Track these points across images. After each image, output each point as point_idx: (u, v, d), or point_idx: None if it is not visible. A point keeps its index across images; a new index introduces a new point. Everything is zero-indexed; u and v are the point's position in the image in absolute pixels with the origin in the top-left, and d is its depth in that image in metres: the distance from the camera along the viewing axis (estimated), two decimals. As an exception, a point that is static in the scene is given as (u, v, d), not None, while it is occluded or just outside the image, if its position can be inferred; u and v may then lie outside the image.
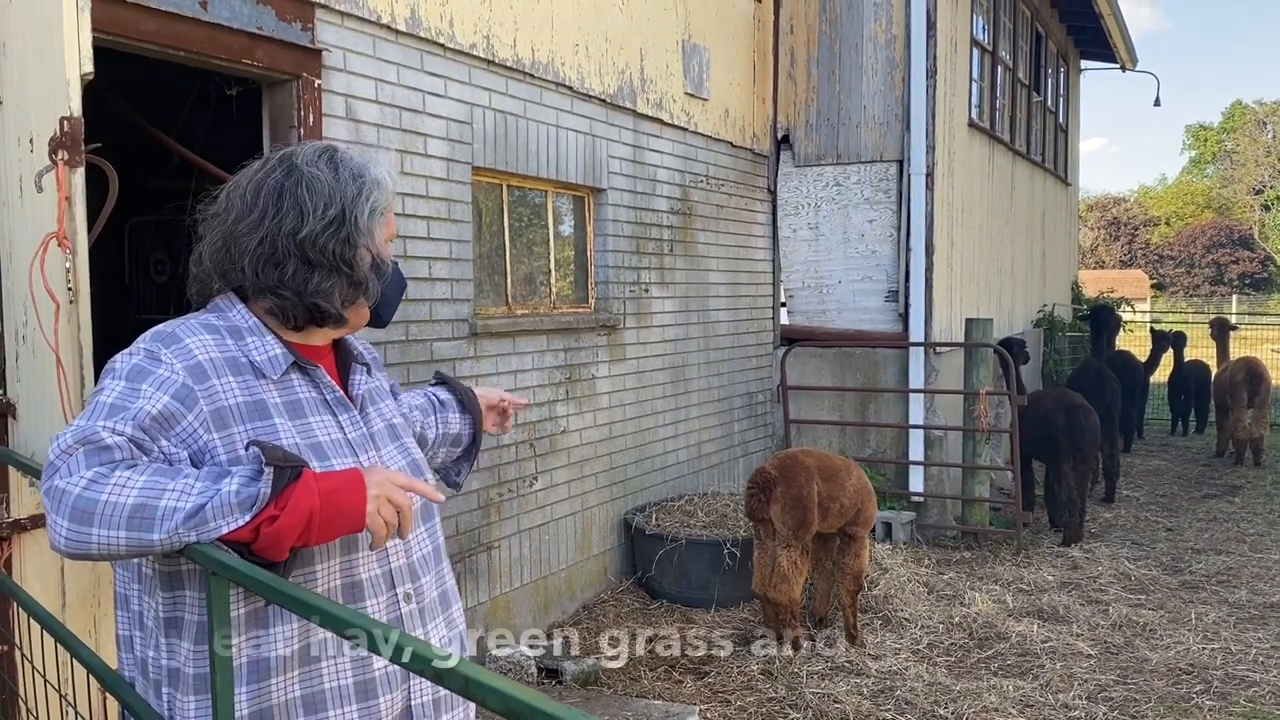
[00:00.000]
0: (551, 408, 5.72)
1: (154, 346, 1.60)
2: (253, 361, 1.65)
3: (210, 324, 1.67)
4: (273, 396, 1.65)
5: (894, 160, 7.99)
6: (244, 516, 1.45)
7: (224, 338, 1.65)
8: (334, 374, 1.78)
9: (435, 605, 1.79)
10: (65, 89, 2.35)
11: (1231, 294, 43.02)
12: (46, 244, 2.38)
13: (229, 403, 1.59)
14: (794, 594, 5.20)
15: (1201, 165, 59.93)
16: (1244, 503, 8.98)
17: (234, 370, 1.62)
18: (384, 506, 1.54)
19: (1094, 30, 13.43)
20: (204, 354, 1.61)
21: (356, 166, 1.73)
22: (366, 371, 1.85)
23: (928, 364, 7.85)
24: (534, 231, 5.86)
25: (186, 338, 1.62)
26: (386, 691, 1.67)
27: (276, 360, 1.67)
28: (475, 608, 5.17)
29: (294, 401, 1.67)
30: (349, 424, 1.73)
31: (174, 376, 1.56)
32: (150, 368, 1.57)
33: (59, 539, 1.44)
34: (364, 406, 1.79)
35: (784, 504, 5.14)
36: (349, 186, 1.70)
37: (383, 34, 4.51)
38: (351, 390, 1.78)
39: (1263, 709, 4.64)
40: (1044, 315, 12.26)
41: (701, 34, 7.14)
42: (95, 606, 2.99)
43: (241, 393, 1.61)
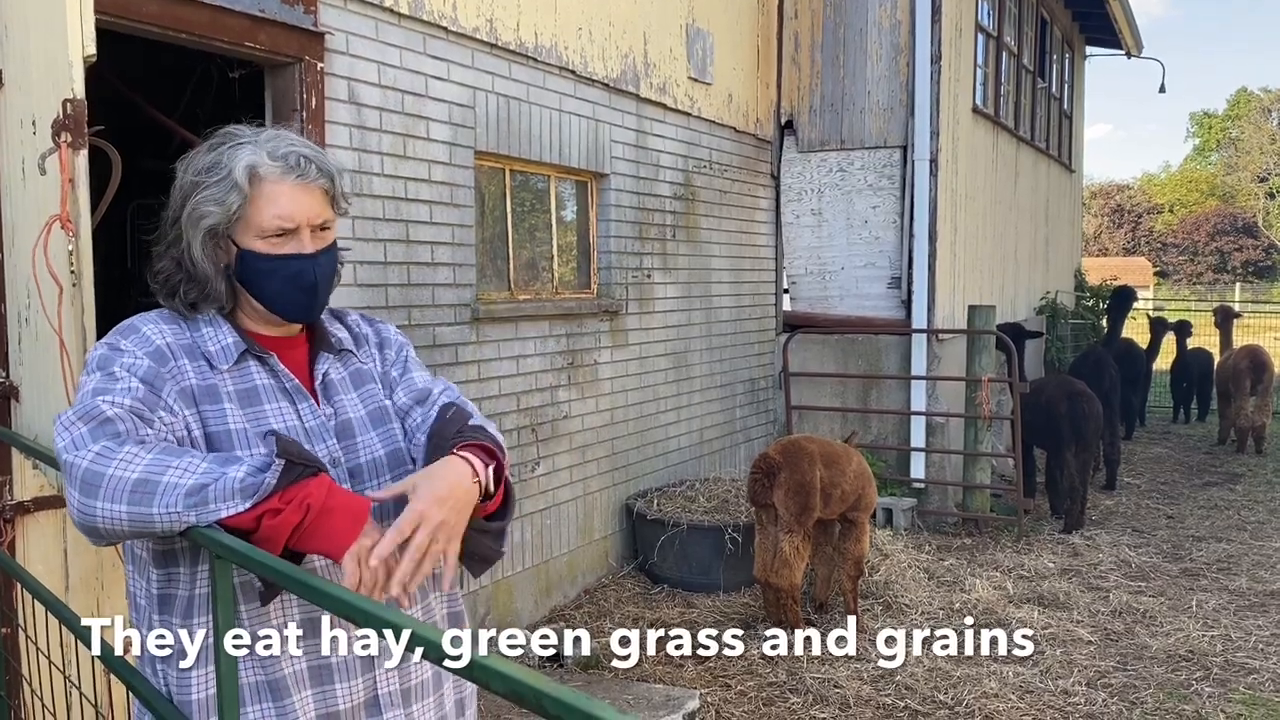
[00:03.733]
0: (554, 393, 5.73)
1: (114, 339, 1.66)
2: (205, 351, 1.68)
3: (169, 315, 1.72)
4: (225, 384, 1.67)
5: (898, 146, 7.97)
6: (244, 503, 1.46)
7: (181, 327, 1.70)
8: (303, 362, 1.77)
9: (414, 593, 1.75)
10: (68, 71, 2.34)
11: (1235, 282, 42.91)
12: (49, 226, 2.37)
13: (189, 383, 1.64)
14: (795, 579, 5.21)
15: (1206, 153, 59.74)
16: (1245, 491, 8.99)
17: (190, 356, 1.67)
18: (366, 565, 1.49)
19: (1099, 16, 13.35)
20: (161, 340, 1.66)
21: (208, 162, 1.67)
22: (352, 356, 1.83)
23: (930, 351, 7.84)
24: (536, 216, 5.85)
25: (144, 327, 1.68)
26: (344, 679, 1.66)
27: (228, 350, 1.69)
28: (477, 592, 5.19)
29: (249, 389, 1.68)
30: (307, 412, 1.71)
31: (138, 362, 1.61)
32: (115, 356, 1.62)
33: (73, 510, 1.49)
34: (330, 394, 1.76)
35: (787, 489, 5.14)
36: (187, 178, 1.69)
37: (385, 17, 4.50)
38: (314, 380, 1.76)
39: (1262, 696, 4.65)
40: (1047, 302, 12.24)
41: (705, 18, 7.11)
42: (99, 588, 3.00)
43: (196, 376, 1.65)
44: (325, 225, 1.73)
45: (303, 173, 1.68)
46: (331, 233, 1.75)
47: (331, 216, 1.74)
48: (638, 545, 6.33)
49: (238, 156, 1.66)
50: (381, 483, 1.73)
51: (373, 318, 1.97)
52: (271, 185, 1.66)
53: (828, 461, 5.32)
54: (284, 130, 1.76)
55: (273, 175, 1.66)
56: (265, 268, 1.68)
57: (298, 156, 1.68)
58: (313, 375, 1.77)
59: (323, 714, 1.65)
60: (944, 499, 7.88)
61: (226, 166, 1.65)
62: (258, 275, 1.68)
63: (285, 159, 1.67)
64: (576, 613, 5.69)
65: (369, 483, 1.73)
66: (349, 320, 1.91)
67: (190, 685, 1.61)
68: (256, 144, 1.68)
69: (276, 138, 1.71)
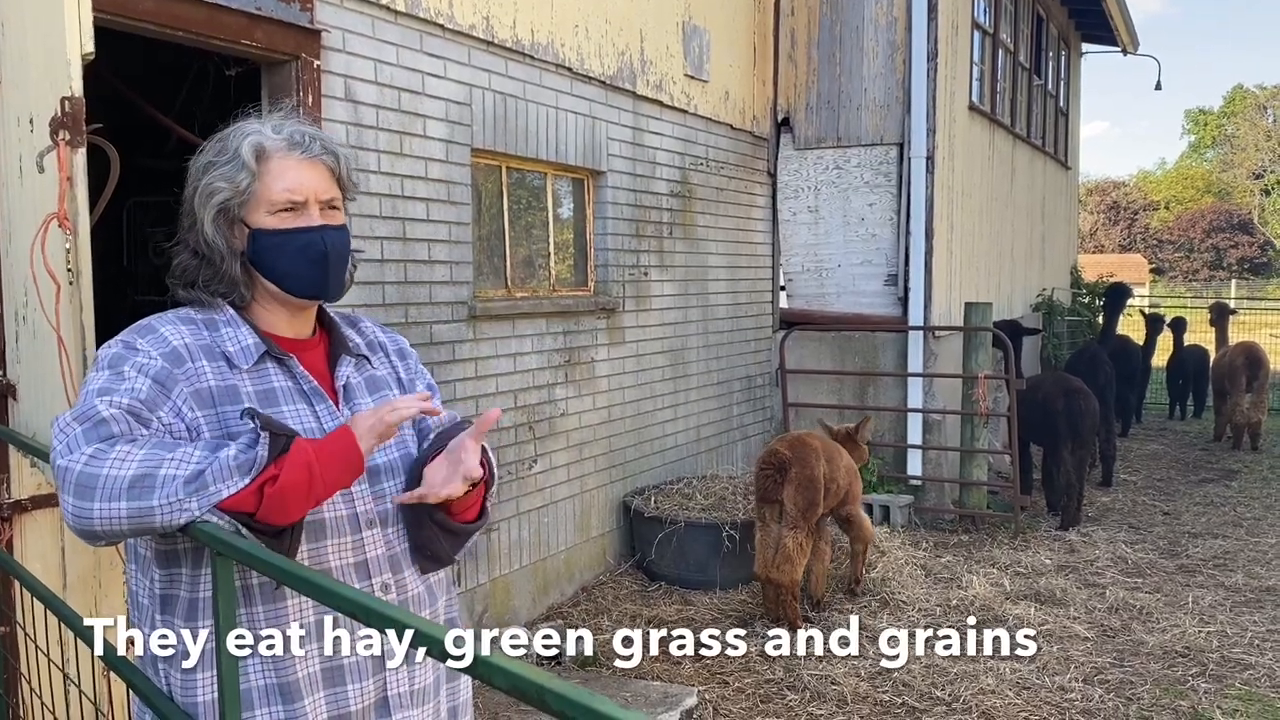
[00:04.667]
0: (550, 390, 5.73)
1: (130, 338, 1.66)
2: (225, 352, 1.68)
3: (188, 317, 1.72)
4: (245, 385, 1.67)
5: (894, 143, 7.97)
6: (244, 479, 1.47)
7: (200, 329, 1.69)
8: (321, 365, 1.78)
9: (421, 599, 1.77)
10: (66, 69, 2.33)
11: (1230, 279, 43.00)
12: (47, 224, 2.37)
13: (206, 384, 1.64)
14: (795, 575, 5.25)
15: (1201, 150, 59.80)
16: (1241, 487, 9.01)
17: (209, 357, 1.66)
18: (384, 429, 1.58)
19: (1095, 13, 13.38)
20: (179, 340, 1.66)
21: (216, 147, 1.73)
22: (366, 362, 1.84)
23: (927, 348, 7.85)
24: (533, 214, 5.85)
25: (161, 327, 1.68)
26: (357, 680, 1.67)
27: (248, 350, 1.69)
28: (475, 589, 5.19)
29: (268, 390, 1.69)
30: (325, 414, 1.72)
31: (151, 362, 1.61)
32: (128, 354, 1.62)
33: (67, 515, 1.49)
34: (350, 398, 1.77)
35: (797, 485, 5.22)
36: (199, 163, 1.73)
37: (382, 14, 4.49)
38: (335, 382, 1.77)
39: (1258, 692, 4.67)
40: (1043, 299, 12.26)
41: (702, 15, 7.11)
42: (96, 587, 3.00)
43: (215, 377, 1.65)
44: (333, 204, 1.74)
45: (307, 148, 1.72)
46: (340, 214, 1.76)
47: (338, 195, 1.76)
48: (635, 543, 6.33)
49: (244, 137, 1.70)
50: (397, 484, 1.75)
51: (385, 327, 1.99)
52: (278, 161, 1.70)
53: (827, 457, 5.40)
54: (294, 117, 1.80)
55: (279, 151, 1.70)
56: (275, 242, 1.69)
57: (302, 133, 1.73)
58: (334, 377, 1.78)
59: (334, 715, 1.65)
60: (941, 496, 7.89)
61: (234, 146, 1.70)
62: (269, 252, 1.70)
63: (290, 136, 1.72)
64: (574, 610, 5.70)
65: (385, 483, 1.74)
66: (362, 326, 1.92)
67: (196, 688, 1.62)
68: (262, 125, 1.73)
69: (281, 120, 1.76)
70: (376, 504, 1.72)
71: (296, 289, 1.72)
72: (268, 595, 1.61)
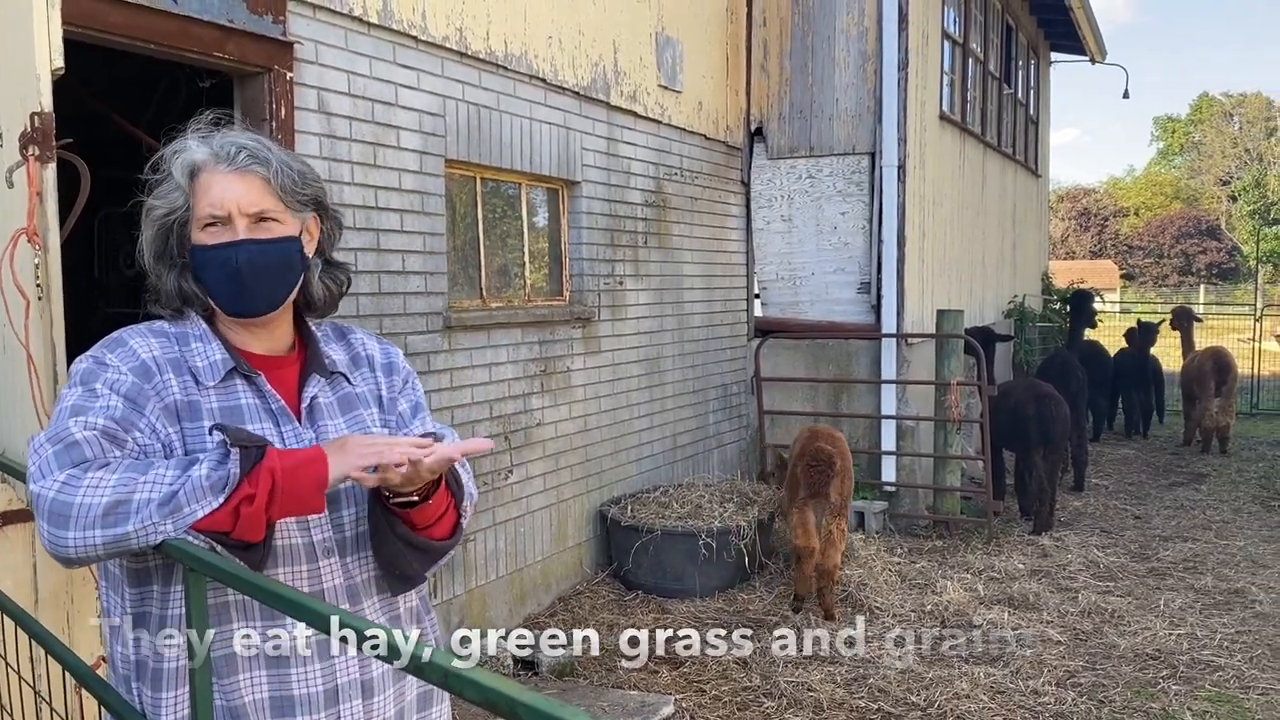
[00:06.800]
0: (526, 400, 5.73)
1: (100, 353, 1.65)
2: (192, 367, 1.67)
3: (160, 329, 1.71)
4: (209, 401, 1.65)
5: (866, 153, 8.04)
6: (217, 498, 1.46)
7: (170, 342, 1.69)
8: (292, 383, 1.75)
9: (370, 584, 1.72)
10: (35, 84, 2.33)
11: (1199, 284, 43.51)
12: (16, 240, 2.36)
13: (172, 399, 1.63)
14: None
15: (1170, 156, 60.57)
16: (1210, 490, 9.12)
17: (176, 371, 1.66)
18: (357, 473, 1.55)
19: (1064, 23, 13.52)
20: (148, 353, 1.65)
21: (155, 162, 1.73)
22: (344, 380, 1.80)
23: (900, 355, 7.91)
24: (508, 224, 5.85)
25: (131, 340, 1.67)
26: (347, 700, 1.66)
27: (215, 366, 1.68)
28: (451, 600, 5.18)
29: (233, 407, 1.66)
30: (290, 434, 1.68)
31: (122, 379, 1.60)
32: (99, 370, 1.62)
33: (44, 541, 1.49)
34: (316, 418, 1.73)
35: (842, 476, 5.69)
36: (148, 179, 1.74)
37: (355, 26, 4.49)
38: (301, 402, 1.73)
39: (1227, 692, 4.73)
40: (1015, 306, 12.36)
41: (675, 26, 7.15)
42: (69, 603, 2.97)
43: (180, 392, 1.64)
44: (266, 216, 1.68)
45: (232, 160, 1.67)
46: (280, 225, 1.69)
47: (274, 207, 1.68)
48: (612, 552, 6.34)
49: (176, 155, 1.69)
50: (356, 512, 1.71)
51: (381, 338, 1.95)
52: (206, 175, 1.68)
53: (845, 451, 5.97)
54: (236, 130, 1.75)
55: (208, 165, 1.68)
56: (202, 259, 1.68)
57: (232, 145, 1.68)
58: (300, 397, 1.74)
59: (276, 697, 1.62)
60: (915, 502, 7.95)
61: (168, 165, 1.70)
62: (199, 269, 1.69)
63: (218, 150, 1.68)
64: (551, 620, 5.69)
65: (344, 511, 1.71)
66: (352, 338, 1.89)
67: (161, 707, 1.61)
68: (195, 140, 1.70)
69: (221, 134, 1.72)
70: (335, 532, 1.68)
71: (223, 306, 1.71)
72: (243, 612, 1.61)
